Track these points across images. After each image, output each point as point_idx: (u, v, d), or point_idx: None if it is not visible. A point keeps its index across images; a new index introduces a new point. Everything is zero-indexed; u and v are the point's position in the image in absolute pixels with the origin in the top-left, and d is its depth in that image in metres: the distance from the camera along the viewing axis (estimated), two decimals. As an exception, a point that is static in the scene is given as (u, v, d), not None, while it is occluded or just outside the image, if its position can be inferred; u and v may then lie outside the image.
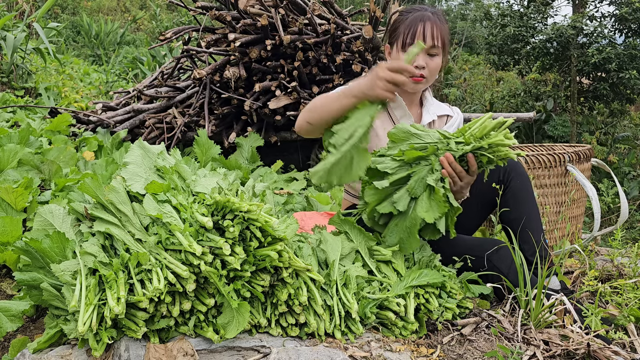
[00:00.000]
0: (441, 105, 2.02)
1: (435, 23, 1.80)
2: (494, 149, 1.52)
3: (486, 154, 1.53)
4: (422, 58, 1.80)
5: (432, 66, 1.81)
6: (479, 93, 11.20)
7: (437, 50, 1.80)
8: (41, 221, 1.43)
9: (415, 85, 1.85)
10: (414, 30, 1.79)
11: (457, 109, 2.05)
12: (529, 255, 1.70)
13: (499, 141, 1.51)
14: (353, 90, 1.53)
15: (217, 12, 4.16)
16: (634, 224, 6.83)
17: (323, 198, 2.87)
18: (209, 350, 1.26)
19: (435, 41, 1.79)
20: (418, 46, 1.55)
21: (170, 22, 14.32)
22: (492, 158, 1.53)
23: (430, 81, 1.87)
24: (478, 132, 1.55)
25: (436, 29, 1.79)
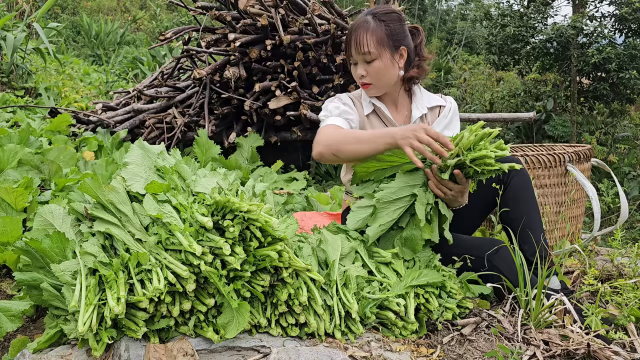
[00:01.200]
0: (432, 97, 2.02)
1: (363, 30, 1.81)
2: (479, 161, 1.53)
3: (473, 166, 1.54)
4: (360, 67, 1.85)
5: (371, 71, 1.84)
6: (479, 93, 11.20)
7: (369, 56, 1.81)
8: (41, 221, 1.43)
9: (367, 92, 1.91)
10: (347, 43, 1.86)
11: (450, 98, 2.06)
12: (529, 255, 1.69)
13: (483, 154, 1.50)
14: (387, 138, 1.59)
15: (217, 12, 4.16)
16: (634, 224, 6.83)
17: (323, 198, 2.87)
18: (209, 350, 1.26)
19: (360, 49, 1.81)
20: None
21: (170, 22, 14.33)
22: (477, 170, 1.54)
23: (379, 85, 1.88)
24: (465, 145, 1.55)
25: (362, 35, 1.80)
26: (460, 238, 1.78)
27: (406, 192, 1.62)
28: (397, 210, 1.63)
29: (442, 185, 1.60)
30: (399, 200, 1.63)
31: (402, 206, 1.63)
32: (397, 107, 1.98)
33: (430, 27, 18.63)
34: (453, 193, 1.62)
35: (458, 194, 1.63)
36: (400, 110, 1.99)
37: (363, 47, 1.80)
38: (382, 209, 1.62)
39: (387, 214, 1.63)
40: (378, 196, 1.62)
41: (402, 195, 1.62)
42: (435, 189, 1.61)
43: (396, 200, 1.62)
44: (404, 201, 1.63)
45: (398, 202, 1.63)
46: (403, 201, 1.63)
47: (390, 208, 1.62)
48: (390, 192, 1.62)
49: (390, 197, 1.62)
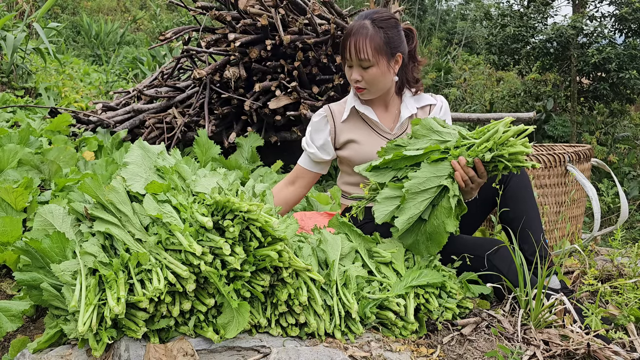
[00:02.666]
0: (422, 96, 2.04)
1: (361, 36, 1.80)
2: (512, 157, 1.54)
3: (504, 161, 1.54)
4: (355, 71, 1.86)
5: (367, 77, 1.85)
6: (479, 93, 11.20)
7: (367, 62, 1.82)
8: (41, 221, 1.43)
9: (362, 95, 1.92)
10: (343, 48, 1.86)
11: (441, 96, 2.07)
12: (528, 255, 1.70)
13: (519, 150, 1.52)
14: None
15: (217, 12, 4.16)
16: (634, 224, 6.83)
17: (323, 198, 2.87)
18: (209, 350, 1.26)
19: (359, 55, 1.81)
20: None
21: (170, 22, 14.32)
22: (509, 165, 1.55)
23: (374, 90, 1.90)
24: (501, 139, 1.55)
25: (360, 42, 1.80)
26: (461, 238, 1.78)
27: (433, 182, 1.58)
28: (424, 201, 1.58)
29: (468, 178, 1.58)
30: (426, 192, 1.58)
31: (428, 197, 1.58)
32: (387, 107, 2.01)
33: (430, 27, 18.62)
34: (473, 186, 1.61)
35: (476, 187, 1.63)
36: (390, 110, 2.01)
37: (361, 53, 1.80)
38: (410, 199, 1.57)
39: (414, 205, 1.58)
40: (407, 186, 1.56)
41: (429, 186, 1.58)
42: (460, 181, 1.58)
43: (423, 192, 1.58)
44: (430, 192, 1.58)
45: (425, 193, 1.58)
46: (430, 192, 1.58)
47: (418, 199, 1.58)
48: (419, 182, 1.57)
49: (418, 188, 1.57)
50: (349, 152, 1.96)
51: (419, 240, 1.63)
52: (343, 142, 1.97)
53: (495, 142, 1.56)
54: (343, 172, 2.08)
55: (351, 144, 1.96)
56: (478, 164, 1.57)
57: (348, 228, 1.69)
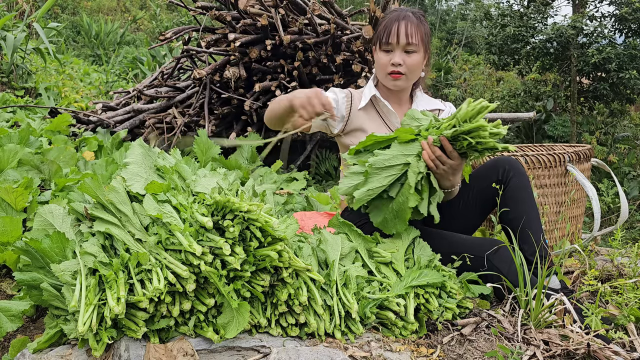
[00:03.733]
0: (432, 101, 2.07)
1: (410, 22, 1.85)
2: (474, 134, 1.54)
3: (468, 138, 1.54)
4: (398, 55, 1.85)
5: (409, 63, 1.86)
6: (479, 93, 11.20)
7: (414, 47, 1.85)
8: (41, 221, 1.43)
9: (395, 82, 1.90)
10: (389, 30, 1.86)
11: (450, 104, 2.10)
12: (528, 255, 1.69)
13: (479, 125, 1.52)
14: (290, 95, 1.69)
15: (217, 12, 4.17)
16: (634, 224, 6.83)
17: (323, 198, 2.87)
18: (209, 350, 1.26)
19: (409, 39, 1.83)
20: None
21: (170, 22, 14.32)
22: (471, 142, 1.54)
23: (410, 78, 1.91)
24: (462, 116, 1.57)
25: (411, 27, 1.84)
26: (460, 238, 1.78)
27: (400, 160, 1.63)
28: (388, 177, 1.63)
29: (435, 158, 1.61)
30: (391, 168, 1.63)
31: (394, 174, 1.63)
32: (400, 105, 2.01)
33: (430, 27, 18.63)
34: (445, 168, 1.62)
35: (450, 170, 1.63)
36: (403, 108, 2.02)
37: (412, 37, 1.83)
38: (374, 174, 1.62)
39: (377, 179, 1.62)
40: (371, 161, 1.62)
41: (395, 163, 1.63)
42: (428, 160, 1.62)
43: (389, 168, 1.62)
44: (396, 169, 1.63)
45: (390, 169, 1.63)
46: (395, 169, 1.63)
47: (382, 174, 1.62)
48: (384, 158, 1.63)
49: (383, 164, 1.62)
50: (356, 140, 1.93)
51: (387, 218, 1.66)
52: (353, 128, 1.97)
53: (458, 119, 1.57)
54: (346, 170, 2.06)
55: (360, 133, 1.95)
56: (443, 141, 1.59)
57: (348, 228, 1.69)
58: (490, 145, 1.54)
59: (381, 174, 1.62)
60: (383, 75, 1.91)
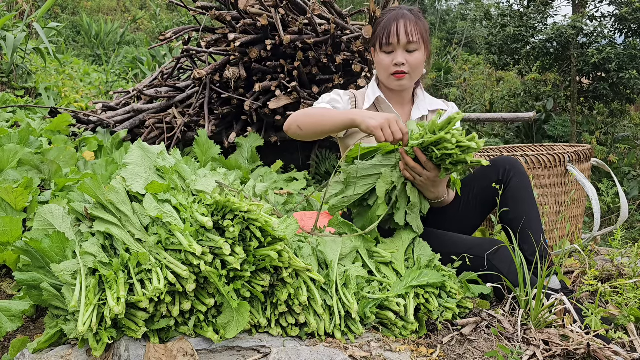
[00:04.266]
0: (435, 101, 2.05)
1: (409, 20, 1.84)
2: (440, 145, 1.53)
3: (434, 149, 1.55)
4: (400, 55, 1.84)
5: (412, 61, 1.85)
6: (479, 93, 11.20)
7: (415, 45, 1.84)
8: (41, 221, 1.43)
9: (399, 82, 1.88)
10: (388, 31, 1.84)
11: (453, 104, 2.08)
12: (528, 255, 1.69)
13: (442, 137, 1.51)
14: (356, 115, 1.64)
15: (217, 12, 4.17)
16: (634, 224, 6.83)
17: (323, 198, 2.86)
18: (209, 350, 1.26)
19: (410, 37, 1.82)
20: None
21: (170, 22, 14.32)
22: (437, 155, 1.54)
23: (414, 77, 1.90)
24: (429, 127, 1.58)
25: (410, 25, 1.83)
26: (460, 238, 1.78)
27: (377, 170, 1.66)
28: (365, 186, 1.67)
29: (410, 169, 1.62)
30: (369, 177, 1.67)
31: (371, 183, 1.66)
32: (402, 106, 2.00)
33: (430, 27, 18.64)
34: (422, 179, 1.63)
35: (428, 181, 1.63)
36: (404, 108, 2.01)
37: (412, 35, 1.82)
38: (352, 183, 1.67)
39: (354, 188, 1.67)
40: (349, 170, 1.66)
41: (373, 173, 1.66)
42: (404, 171, 1.64)
43: (366, 177, 1.66)
44: (373, 178, 1.67)
45: (368, 178, 1.67)
46: (373, 178, 1.67)
47: (359, 183, 1.66)
48: (362, 167, 1.67)
49: (361, 173, 1.66)
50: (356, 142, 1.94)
51: (365, 225, 1.71)
52: (356, 130, 1.95)
53: (426, 130, 1.58)
54: None
55: (360, 135, 1.94)
56: (417, 152, 1.59)
57: (348, 228, 1.69)
58: (460, 158, 1.52)
59: (359, 183, 1.67)
60: (386, 77, 1.89)
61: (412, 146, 1.59)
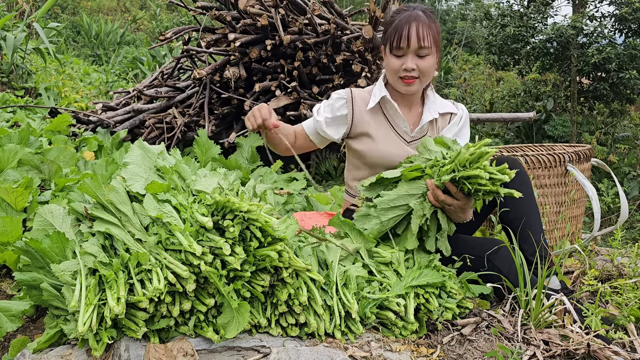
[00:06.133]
0: (445, 103, 2.01)
1: (422, 23, 1.78)
2: (473, 180, 1.53)
3: (467, 183, 1.55)
4: (411, 60, 1.80)
5: (423, 66, 1.81)
6: (479, 93, 11.20)
7: (426, 50, 1.79)
8: (41, 221, 1.43)
9: (408, 87, 1.85)
10: (399, 34, 1.79)
11: (462, 105, 2.05)
12: (529, 255, 1.69)
13: (476, 174, 1.51)
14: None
15: (217, 12, 4.17)
16: (634, 224, 6.83)
17: (323, 198, 2.87)
18: (209, 350, 1.26)
19: (421, 42, 1.77)
20: None
21: (170, 22, 14.32)
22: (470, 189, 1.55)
23: (424, 81, 1.86)
24: (461, 161, 1.56)
25: (423, 29, 1.78)
26: (460, 238, 1.78)
27: (405, 200, 1.63)
28: (394, 218, 1.65)
29: (440, 200, 1.61)
30: (397, 208, 1.64)
31: (399, 214, 1.64)
32: (410, 108, 1.97)
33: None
34: (452, 208, 1.63)
35: (458, 209, 1.63)
36: (413, 111, 1.97)
37: (425, 40, 1.77)
38: (380, 215, 1.64)
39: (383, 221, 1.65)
40: (376, 202, 1.63)
41: (400, 204, 1.64)
42: (433, 201, 1.62)
43: (394, 208, 1.64)
44: (402, 209, 1.64)
45: (396, 209, 1.64)
46: (401, 209, 1.64)
47: (389, 215, 1.64)
48: (389, 199, 1.64)
49: (387, 205, 1.63)
50: (362, 146, 1.91)
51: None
52: (359, 132, 1.92)
53: (457, 164, 1.56)
54: (351, 166, 2.02)
55: (366, 139, 1.91)
56: (448, 185, 1.59)
57: (349, 227, 1.68)
58: (492, 189, 1.53)
59: (388, 215, 1.64)
60: (394, 80, 1.86)
61: (443, 181, 1.58)
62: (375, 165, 1.90)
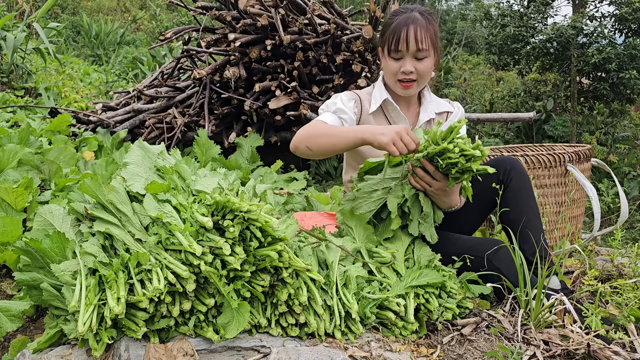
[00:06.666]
0: (441, 102, 2.02)
1: (419, 26, 1.77)
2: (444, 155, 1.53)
3: (439, 159, 1.55)
4: (409, 63, 1.80)
5: (421, 69, 1.81)
6: (479, 93, 11.21)
7: (424, 53, 1.79)
8: (41, 221, 1.42)
9: (406, 90, 1.86)
10: (397, 36, 1.78)
11: (458, 103, 2.06)
12: (529, 255, 1.69)
13: (445, 147, 1.51)
14: (365, 132, 1.59)
15: (217, 12, 4.17)
16: (634, 224, 6.83)
17: (323, 198, 2.87)
18: (209, 350, 1.26)
19: (419, 45, 1.77)
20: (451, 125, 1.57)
21: (170, 22, 14.33)
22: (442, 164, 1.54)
23: (422, 83, 1.87)
24: (433, 137, 1.57)
25: (420, 31, 1.77)
26: (461, 238, 1.78)
27: (387, 183, 1.67)
28: (377, 201, 1.67)
29: (419, 179, 1.62)
30: (379, 191, 1.67)
31: (382, 197, 1.67)
32: (408, 107, 1.97)
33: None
34: (433, 189, 1.63)
35: (439, 191, 1.63)
36: (411, 111, 1.98)
37: (423, 43, 1.76)
38: (363, 199, 1.67)
39: (366, 204, 1.68)
40: (360, 186, 1.67)
41: (383, 187, 1.67)
42: (413, 182, 1.64)
43: (376, 191, 1.67)
44: (384, 192, 1.67)
45: (378, 192, 1.67)
46: (383, 192, 1.67)
47: (371, 198, 1.67)
48: (373, 183, 1.67)
49: (370, 188, 1.67)
50: (365, 147, 1.89)
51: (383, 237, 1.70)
52: None
53: (429, 140, 1.57)
54: (351, 168, 2.02)
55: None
56: (424, 162, 1.59)
57: (356, 221, 1.69)
58: (466, 167, 1.52)
59: (371, 198, 1.67)
60: (393, 82, 1.87)
61: (417, 158, 1.59)
62: None
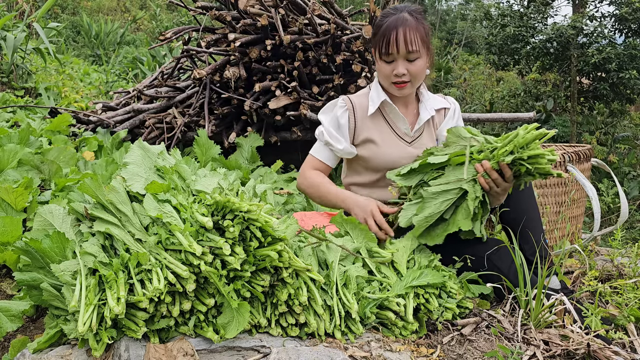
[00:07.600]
0: (436, 98, 2.02)
1: (409, 27, 1.77)
2: (533, 160, 1.54)
3: (525, 164, 1.55)
4: (401, 65, 1.80)
5: (413, 70, 1.81)
6: (479, 93, 11.21)
7: (415, 54, 1.79)
8: (41, 221, 1.42)
9: (400, 91, 1.86)
10: (387, 40, 1.78)
11: (451, 98, 2.06)
12: (529, 255, 1.70)
13: (539, 153, 1.53)
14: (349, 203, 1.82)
15: (217, 12, 4.17)
16: (634, 224, 6.83)
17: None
18: (209, 350, 1.26)
19: (410, 46, 1.76)
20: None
21: (170, 22, 14.33)
22: (530, 169, 1.55)
23: (416, 83, 1.87)
24: (519, 142, 1.57)
25: (410, 33, 1.76)
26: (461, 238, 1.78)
27: (455, 185, 1.64)
28: (445, 202, 1.64)
29: (491, 181, 1.60)
30: (447, 192, 1.64)
31: (450, 198, 1.64)
32: (407, 107, 1.97)
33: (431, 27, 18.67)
34: (499, 190, 1.61)
35: (502, 192, 1.63)
36: (410, 110, 1.97)
37: (412, 45, 1.76)
38: (431, 199, 1.65)
39: (435, 204, 1.64)
40: (431, 189, 1.65)
41: (451, 188, 1.64)
42: (484, 183, 1.60)
43: (445, 192, 1.64)
44: (452, 193, 1.64)
45: (447, 194, 1.64)
46: (452, 193, 1.64)
47: (439, 199, 1.64)
48: (441, 184, 1.65)
49: (439, 189, 1.64)
50: (366, 152, 1.91)
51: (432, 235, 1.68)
52: (362, 139, 1.91)
53: (516, 145, 1.57)
54: (351, 171, 2.02)
55: (369, 144, 1.90)
56: (504, 168, 1.58)
57: (351, 225, 1.69)
58: (546, 170, 1.54)
59: (438, 199, 1.65)
60: (387, 84, 1.87)
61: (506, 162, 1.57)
62: (379, 169, 1.90)
